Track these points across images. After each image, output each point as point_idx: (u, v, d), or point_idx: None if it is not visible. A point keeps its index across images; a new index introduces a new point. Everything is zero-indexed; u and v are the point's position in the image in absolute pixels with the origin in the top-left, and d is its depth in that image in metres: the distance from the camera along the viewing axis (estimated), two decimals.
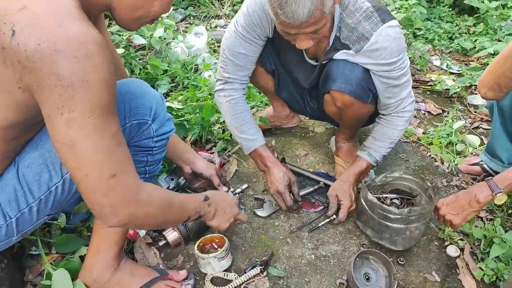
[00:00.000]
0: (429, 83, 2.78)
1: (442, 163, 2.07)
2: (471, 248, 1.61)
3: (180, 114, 1.99)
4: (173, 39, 2.88)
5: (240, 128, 1.73)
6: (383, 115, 1.72)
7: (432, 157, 2.12)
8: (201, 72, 2.58)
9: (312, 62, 1.68)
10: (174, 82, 2.53)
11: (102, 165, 0.86)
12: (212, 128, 2.12)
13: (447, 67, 2.99)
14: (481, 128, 2.40)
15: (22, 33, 0.76)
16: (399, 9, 3.25)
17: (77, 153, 0.84)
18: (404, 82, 1.58)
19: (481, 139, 2.27)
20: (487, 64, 2.89)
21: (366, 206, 1.54)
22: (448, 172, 2.02)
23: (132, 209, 0.93)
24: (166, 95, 2.39)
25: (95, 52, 0.80)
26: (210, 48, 3.02)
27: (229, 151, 2.08)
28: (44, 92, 0.79)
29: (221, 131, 2.15)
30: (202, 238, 1.52)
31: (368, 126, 1.99)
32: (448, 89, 2.67)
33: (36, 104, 0.84)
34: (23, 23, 0.76)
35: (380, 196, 1.61)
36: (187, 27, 3.26)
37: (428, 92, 2.74)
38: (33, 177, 1.05)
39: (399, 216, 1.46)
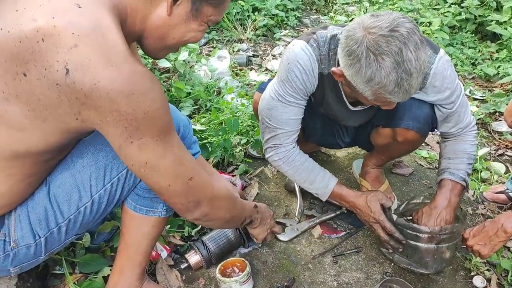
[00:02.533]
0: None
1: (468, 192, 2.04)
2: (497, 279, 1.57)
3: (203, 136, 2.01)
4: (196, 62, 2.94)
5: (308, 181, 1.64)
6: (447, 138, 1.66)
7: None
8: (224, 95, 2.61)
9: (358, 108, 1.61)
10: (197, 105, 2.56)
11: (179, 174, 0.99)
12: (234, 151, 2.14)
13: (470, 93, 2.97)
14: (506, 156, 2.36)
15: (76, 72, 0.80)
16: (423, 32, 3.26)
17: (155, 171, 0.95)
18: (464, 107, 1.55)
19: (507, 167, 2.23)
20: (511, 91, 2.87)
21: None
22: (473, 200, 1.98)
23: (210, 199, 1.09)
24: (189, 117, 2.42)
25: (149, 87, 0.85)
26: (232, 71, 3.07)
27: (250, 174, 2.09)
28: (109, 126, 0.86)
29: (243, 154, 2.16)
30: (224, 261, 1.51)
31: None
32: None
33: (87, 130, 0.90)
34: (76, 62, 0.79)
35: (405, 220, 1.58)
36: (210, 51, 3.32)
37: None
38: (63, 197, 1.07)
39: (430, 235, 1.44)
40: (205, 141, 1.99)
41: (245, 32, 3.67)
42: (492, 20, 3.42)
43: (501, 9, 3.43)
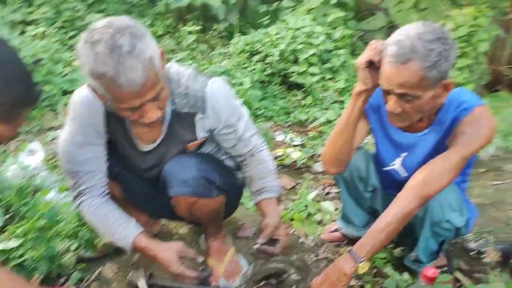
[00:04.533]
0: (278, 159, 2.94)
1: (307, 238, 2.14)
2: None
3: (18, 255, 1.70)
4: (2, 162, 2.56)
5: (110, 231, 1.55)
6: (244, 160, 1.71)
7: (296, 234, 2.17)
8: (41, 195, 2.30)
9: (149, 147, 1.60)
10: (10, 213, 2.20)
11: None
12: (63, 259, 1.86)
13: (290, 139, 3.22)
14: (332, 193, 2.58)
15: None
16: (238, 92, 3.45)
17: None
18: (250, 130, 1.64)
19: (334, 203, 2.43)
20: (323, 132, 3.20)
21: None
22: (314, 246, 2.08)
23: None
24: (1, 230, 2.05)
25: None
26: (49, 164, 2.76)
27: (87, 280, 1.84)
28: None
29: (74, 260, 1.90)
30: None
31: None
32: (295, 161, 2.85)
33: None
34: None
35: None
36: (18, 146, 2.95)
37: (279, 167, 2.88)
38: None
39: None
40: (22, 258, 1.69)
41: (57, 118, 3.39)
42: (293, 72, 3.83)
43: (298, 62, 3.87)
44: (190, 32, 4.50)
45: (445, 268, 1.84)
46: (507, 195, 2.54)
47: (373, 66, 1.42)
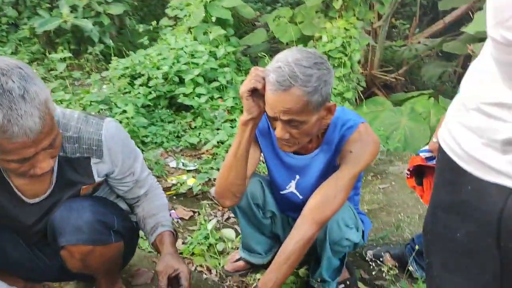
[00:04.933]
0: (172, 188, 2.78)
1: (210, 272, 2.02)
2: None
3: None
4: None
5: None
6: (137, 201, 1.61)
7: (199, 270, 2.04)
8: None
9: (34, 200, 1.41)
10: None
11: None
12: None
13: (183, 166, 3.08)
14: (232, 218, 2.50)
15: None
16: (121, 122, 3.22)
17: None
18: (145, 171, 1.57)
19: (235, 229, 2.35)
20: (217, 154, 3.12)
21: None
22: (218, 281, 1.97)
23: None
24: None
25: None
26: None
27: None
28: None
29: None
30: None
31: None
32: (191, 188, 2.72)
33: None
34: None
35: None
36: None
37: (175, 197, 2.73)
38: None
39: None
40: None
41: None
42: (179, 94, 3.70)
43: (184, 83, 3.75)
44: (61, 59, 4.12)
45: (348, 282, 1.86)
46: (394, 197, 2.70)
47: (257, 93, 1.38)
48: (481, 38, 4.68)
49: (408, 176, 1.46)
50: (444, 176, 0.78)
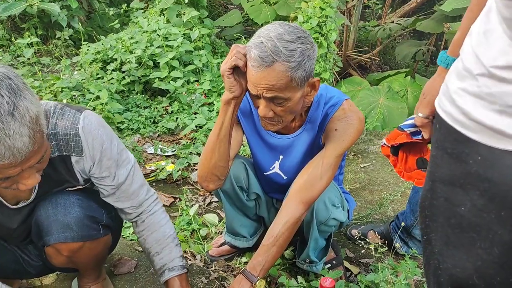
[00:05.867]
0: (152, 175, 2.71)
1: (195, 258, 1.98)
2: None
3: None
4: None
5: None
6: (136, 224, 1.51)
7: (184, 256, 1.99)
8: None
9: (18, 205, 1.33)
10: None
11: None
12: None
13: (162, 151, 3.01)
14: (214, 203, 2.46)
15: None
16: (95, 109, 3.11)
17: None
18: (137, 181, 1.44)
19: (218, 214, 2.31)
20: (196, 139, 3.05)
21: None
22: (204, 266, 1.93)
23: None
24: None
25: None
26: None
27: None
28: None
29: None
30: None
31: None
32: (171, 174, 2.65)
33: None
34: None
35: None
36: None
37: (154, 184, 2.66)
38: None
39: None
40: None
41: None
42: (154, 78, 3.59)
43: (159, 66, 3.65)
44: (28, 44, 3.93)
45: (334, 262, 1.85)
46: (375, 176, 2.71)
47: (238, 71, 1.32)
48: (453, 16, 4.72)
49: (384, 146, 1.43)
50: (444, 148, 0.74)
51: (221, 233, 2.12)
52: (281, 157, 1.63)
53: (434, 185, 0.77)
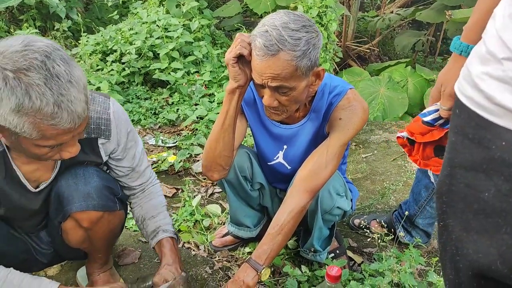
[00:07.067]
0: (153, 166, 2.71)
1: (198, 248, 1.99)
2: None
3: None
4: None
5: None
6: (134, 196, 1.58)
7: (187, 247, 2.00)
8: None
9: (41, 186, 1.36)
10: None
11: None
12: None
13: (163, 143, 3.00)
14: (216, 194, 2.46)
15: None
16: None
17: None
18: (145, 162, 1.54)
19: (220, 204, 2.32)
20: (197, 130, 3.05)
21: None
22: (207, 256, 1.94)
23: None
24: None
25: None
26: None
27: None
28: None
29: None
30: None
31: None
32: (173, 165, 2.65)
33: None
34: None
35: None
36: None
37: (156, 175, 2.65)
38: None
39: None
40: None
41: None
42: (155, 69, 3.58)
43: (159, 58, 3.63)
44: None
45: (338, 251, 1.86)
46: (377, 165, 2.71)
47: (243, 60, 1.32)
48: (453, 6, 4.70)
49: (401, 138, 1.41)
50: (465, 134, 0.72)
51: (223, 224, 2.13)
52: (285, 147, 1.63)
53: (453, 171, 0.75)
